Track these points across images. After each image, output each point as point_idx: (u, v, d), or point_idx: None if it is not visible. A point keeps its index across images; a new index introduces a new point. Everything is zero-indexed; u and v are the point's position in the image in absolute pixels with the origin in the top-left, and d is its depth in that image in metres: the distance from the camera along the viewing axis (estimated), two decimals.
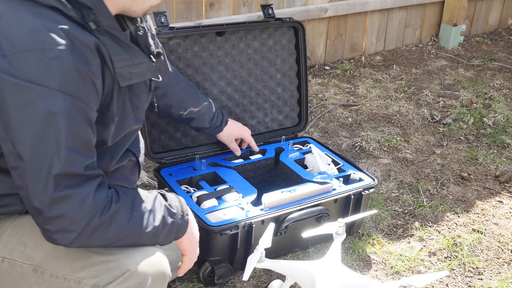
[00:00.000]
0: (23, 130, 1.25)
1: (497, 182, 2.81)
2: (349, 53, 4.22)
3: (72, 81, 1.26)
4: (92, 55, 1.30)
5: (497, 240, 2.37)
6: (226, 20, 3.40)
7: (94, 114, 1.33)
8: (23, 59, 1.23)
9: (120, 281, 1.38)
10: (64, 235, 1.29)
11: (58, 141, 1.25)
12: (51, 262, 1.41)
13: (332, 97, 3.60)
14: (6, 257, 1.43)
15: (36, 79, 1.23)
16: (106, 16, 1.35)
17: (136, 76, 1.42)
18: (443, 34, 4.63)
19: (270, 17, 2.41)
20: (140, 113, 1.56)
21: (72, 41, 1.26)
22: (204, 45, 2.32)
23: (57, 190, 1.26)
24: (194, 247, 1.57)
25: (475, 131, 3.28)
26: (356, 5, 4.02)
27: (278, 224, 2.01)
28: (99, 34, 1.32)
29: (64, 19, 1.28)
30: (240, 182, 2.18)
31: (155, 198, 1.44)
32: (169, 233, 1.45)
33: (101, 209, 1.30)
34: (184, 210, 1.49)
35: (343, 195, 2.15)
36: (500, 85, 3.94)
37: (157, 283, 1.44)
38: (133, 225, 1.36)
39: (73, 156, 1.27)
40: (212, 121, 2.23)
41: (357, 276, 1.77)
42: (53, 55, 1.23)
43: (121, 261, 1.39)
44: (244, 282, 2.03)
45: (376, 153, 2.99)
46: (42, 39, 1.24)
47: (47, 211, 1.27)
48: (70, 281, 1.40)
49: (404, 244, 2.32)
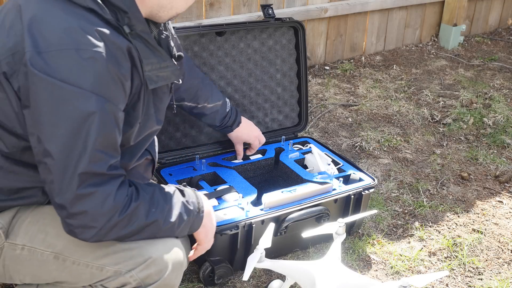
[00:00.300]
0: (53, 128, 1.29)
1: (497, 182, 2.81)
2: (349, 53, 4.22)
3: (104, 82, 1.30)
4: (123, 58, 1.33)
5: (497, 240, 2.37)
6: (226, 20, 3.41)
7: (121, 115, 1.37)
8: (58, 57, 1.26)
9: (141, 268, 1.45)
10: (85, 231, 1.34)
11: (86, 141, 1.29)
12: (73, 249, 1.46)
13: (332, 97, 3.60)
14: (26, 244, 1.47)
15: (70, 79, 1.26)
16: (139, 20, 1.39)
17: (162, 79, 1.46)
18: (443, 34, 4.63)
19: (270, 17, 2.41)
20: (161, 114, 1.60)
21: (106, 43, 1.30)
22: (204, 45, 2.32)
23: (80, 187, 1.30)
24: (209, 239, 1.64)
25: (475, 131, 3.28)
26: (356, 5, 4.02)
27: (278, 224, 2.01)
28: (131, 37, 1.36)
29: (99, 21, 1.32)
30: (240, 182, 2.18)
31: (173, 194, 1.50)
32: (184, 228, 1.51)
33: (121, 208, 1.36)
34: (201, 207, 1.55)
35: (343, 195, 2.15)
36: (500, 85, 3.94)
37: (175, 271, 1.51)
38: (151, 222, 1.42)
39: (99, 156, 1.32)
40: (223, 121, 2.24)
41: (357, 276, 1.77)
42: (88, 56, 1.27)
43: (143, 249, 1.45)
44: (244, 282, 2.03)
45: (376, 153, 2.99)
46: (77, 40, 1.27)
47: (70, 207, 1.32)
48: (93, 268, 1.46)
49: (404, 244, 2.32)
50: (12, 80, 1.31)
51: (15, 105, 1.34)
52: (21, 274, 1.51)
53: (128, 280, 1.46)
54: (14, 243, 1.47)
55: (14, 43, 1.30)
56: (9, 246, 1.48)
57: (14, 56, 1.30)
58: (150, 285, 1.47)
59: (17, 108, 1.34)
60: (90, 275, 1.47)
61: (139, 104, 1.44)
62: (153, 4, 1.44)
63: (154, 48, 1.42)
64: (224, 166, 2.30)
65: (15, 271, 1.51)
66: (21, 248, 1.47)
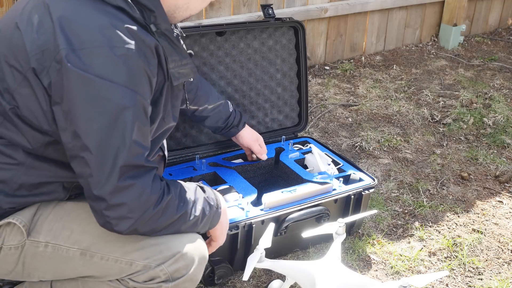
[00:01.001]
0: (90, 123, 1.32)
1: (497, 182, 2.81)
2: (349, 53, 4.22)
3: (136, 78, 1.34)
4: (151, 55, 1.38)
5: (497, 240, 2.37)
6: (226, 20, 3.40)
7: (150, 108, 1.42)
8: (93, 54, 1.30)
9: (171, 262, 1.48)
10: (121, 222, 1.37)
11: (124, 134, 1.33)
12: (101, 245, 1.48)
13: (332, 97, 3.60)
14: (50, 242, 1.49)
15: (105, 74, 1.30)
16: (164, 20, 1.44)
17: (183, 76, 1.52)
18: (443, 34, 4.63)
19: (270, 17, 2.41)
20: (176, 111, 1.63)
21: (136, 41, 1.34)
22: (204, 45, 2.32)
23: (121, 179, 1.34)
24: (224, 235, 1.69)
25: (475, 131, 3.28)
26: (356, 5, 4.02)
27: (278, 224, 2.01)
28: (157, 36, 1.41)
29: (129, 19, 1.37)
30: (240, 182, 2.18)
31: (196, 190, 1.54)
32: (206, 223, 1.55)
33: (155, 200, 1.39)
34: (219, 203, 1.60)
35: (343, 195, 2.15)
36: (500, 85, 3.94)
37: (200, 265, 1.54)
38: (180, 215, 1.46)
39: (137, 148, 1.36)
40: (227, 121, 2.23)
41: (357, 276, 1.77)
42: (121, 53, 1.31)
43: (170, 244, 1.48)
44: (244, 282, 2.03)
45: (376, 153, 2.99)
46: (110, 37, 1.31)
47: (110, 199, 1.34)
48: (122, 263, 1.48)
49: (404, 244, 2.32)
50: (42, 77, 1.34)
51: (43, 101, 1.37)
52: (42, 271, 1.52)
53: (158, 274, 1.48)
54: (37, 240, 1.48)
55: (45, 41, 1.33)
56: (31, 244, 1.48)
57: (44, 53, 1.32)
58: (178, 279, 1.50)
59: (45, 105, 1.37)
60: (119, 270, 1.49)
61: (161, 100, 1.48)
62: (170, 4, 1.49)
63: (176, 46, 1.48)
64: (224, 166, 2.30)
65: (36, 269, 1.52)
66: (45, 246, 1.48)
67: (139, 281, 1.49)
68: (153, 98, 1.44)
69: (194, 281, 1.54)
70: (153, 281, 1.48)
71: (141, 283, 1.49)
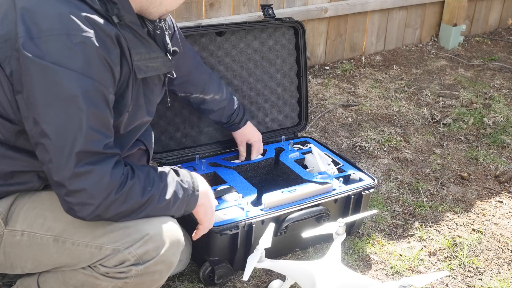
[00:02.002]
0: (48, 109, 1.34)
1: (497, 182, 2.81)
2: (349, 53, 4.22)
3: (94, 65, 1.35)
4: (112, 45, 1.39)
5: (497, 240, 2.37)
6: (226, 20, 3.40)
7: (112, 97, 1.42)
8: (50, 42, 1.32)
9: (139, 245, 1.49)
10: (83, 208, 1.39)
11: (81, 120, 1.34)
12: (72, 231, 1.50)
13: (332, 97, 3.60)
14: (26, 230, 1.51)
15: (61, 61, 1.32)
16: (128, 11, 1.45)
17: (152, 70, 1.52)
18: (443, 34, 4.63)
19: (270, 17, 2.41)
20: (152, 106, 1.64)
21: (95, 29, 1.36)
22: (204, 45, 2.32)
23: (78, 166, 1.35)
24: (209, 218, 1.69)
25: (475, 131, 3.28)
26: (356, 5, 4.02)
27: (278, 224, 2.01)
28: (120, 27, 1.42)
29: (89, 9, 1.38)
30: (240, 182, 2.18)
31: (168, 174, 1.54)
32: (179, 207, 1.56)
33: (117, 186, 1.40)
34: (196, 186, 1.60)
35: (343, 195, 2.15)
36: (500, 85, 3.94)
37: (173, 248, 1.54)
38: (146, 199, 1.47)
39: (94, 134, 1.37)
40: (230, 117, 2.27)
41: (357, 276, 1.77)
42: (78, 40, 1.33)
43: (140, 227, 1.49)
44: (244, 282, 2.03)
45: (376, 153, 2.99)
46: (68, 25, 1.33)
47: (69, 185, 1.36)
48: (91, 247, 1.49)
49: (404, 244, 2.32)
50: (5, 66, 1.37)
51: (8, 91, 1.39)
52: (22, 260, 1.54)
53: (127, 257, 1.49)
54: (14, 229, 1.51)
55: (7, 31, 1.36)
56: (9, 233, 1.51)
57: (6, 42, 1.36)
58: (148, 262, 1.50)
59: (9, 94, 1.40)
60: (90, 255, 1.50)
61: (128, 92, 1.48)
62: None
63: (143, 39, 1.48)
64: (224, 166, 2.31)
65: (16, 258, 1.54)
66: (21, 234, 1.51)
67: (109, 266, 1.50)
68: (119, 89, 1.46)
69: (167, 263, 1.54)
70: (123, 265, 1.49)
71: (111, 267, 1.50)
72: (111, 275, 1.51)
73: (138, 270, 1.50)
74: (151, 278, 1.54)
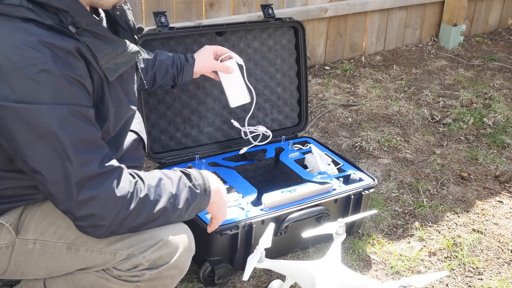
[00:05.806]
0: (31, 147, 1.30)
1: (497, 182, 2.81)
2: (349, 53, 4.22)
3: (62, 89, 1.29)
4: (74, 59, 1.32)
5: (497, 240, 2.37)
6: (226, 20, 3.40)
7: (91, 111, 1.37)
8: (9, 80, 1.25)
9: (153, 250, 1.48)
10: (96, 229, 1.38)
11: (66, 151, 1.30)
12: (85, 238, 1.48)
13: (332, 97, 3.60)
14: (38, 239, 1.50)
15: (28, 98, 1.26)
16: (83, 15, 1.36)
17: (122, 65, 1.45)
18: (443, 34, 4.63)
19: (270, 17, 2.41)
20: (133, 95, 1.59)
21: (52, 51, 1.27)
22: (204, 45, 2.31)
23: (80, 194, 1.33)
24: (222, 212, 1.69)
25: (475, 131, 3.28)
26: (356, 5, 4.02)
27: (278, 224, 2.01)
28: (79, 35, 1.34)
29: (40, 29, 1.29)
30: (240, 182, 2.18)
31: (179, 180, 1.52)
32: (192, 211, 1.56)
33: (126, 200, 1.38)
34: (207, 186, 1.58)
35: (343, 195, 2.15)
36: (500, 85, 3.94)
37: (185, 254, 1.54)
38: (159, 212, 1.46)
39: (85, 158, 1.33)
40: (175, 62, 2.06)
41: (357, 276, 1.77)
42: (38, 69, 1.26)
43: (154, 232, 1.49)
44: (244, 282, 2.03)
45: (376, 153, 2.99)
46: (24, 56, 1.25)
47: (77, 213, 1.35)
48: (106, 253, 1.49)
49: (404, 244, 2.32)
50: None
51: None
52: (34, 268, 1.54)
53: (141, 261, 1.49)
54: (26, 238, 1.50)
55: None
56: (21, 242, 1.50)
57: None
58: (162, 266, 1.50)
59: None
60: (104, 260, 1.50)
61: (105, 96, 1.43)
62: None
63: (106, 38, 1.40)
64: (224, 166, 2.30)
65: (28, 266, 1.53)
66: (33, 243, 1.50)
67: (122, 269, 1.50)
68: (96, 98, 1.41)
69: (179, 269, 1.55)
70: (137, 269, 1.49)
71: (124, 271, 1.50)
72: (124, 278, 1.51)
73: (151, 274, 1.49)
74: (163, 282, 1.53)
